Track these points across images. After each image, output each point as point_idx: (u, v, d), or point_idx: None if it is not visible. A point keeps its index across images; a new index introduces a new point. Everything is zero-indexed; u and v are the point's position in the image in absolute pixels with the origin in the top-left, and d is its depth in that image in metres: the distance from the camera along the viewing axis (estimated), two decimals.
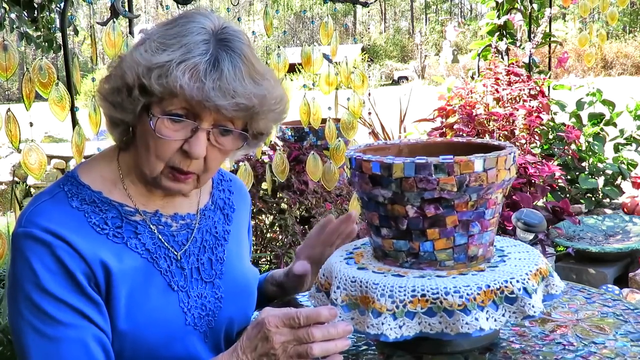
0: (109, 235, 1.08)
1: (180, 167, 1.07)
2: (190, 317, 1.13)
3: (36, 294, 1.01)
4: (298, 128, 3.79)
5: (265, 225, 3.54)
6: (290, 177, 3.47)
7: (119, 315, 1.06)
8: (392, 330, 1.02)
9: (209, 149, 1.07)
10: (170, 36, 1.03)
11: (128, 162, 1.14)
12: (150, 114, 1.03)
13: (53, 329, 1.01)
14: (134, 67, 1.02)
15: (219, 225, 1.24)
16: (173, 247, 1.14)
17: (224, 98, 1.00)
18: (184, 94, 0.99)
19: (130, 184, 1.13)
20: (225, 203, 1.28)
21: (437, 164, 1.02)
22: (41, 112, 2.61)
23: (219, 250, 1.21)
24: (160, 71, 1.00)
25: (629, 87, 12.08)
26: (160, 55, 1.01)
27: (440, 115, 4.05)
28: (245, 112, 1.04)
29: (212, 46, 1.02)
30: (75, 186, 1.10)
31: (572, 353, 1.10)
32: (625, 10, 32.32)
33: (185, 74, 0.99)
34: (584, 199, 4.51)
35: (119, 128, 1.12)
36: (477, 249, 1.11)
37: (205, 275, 1.17)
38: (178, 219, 1.17)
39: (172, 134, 1.04)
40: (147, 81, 1.00)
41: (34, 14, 3.62)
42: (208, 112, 1.03)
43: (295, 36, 42.89)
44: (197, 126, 1.04)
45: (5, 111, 2.06)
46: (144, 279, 1.09)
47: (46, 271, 1.01)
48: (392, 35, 47.42)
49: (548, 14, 4.61)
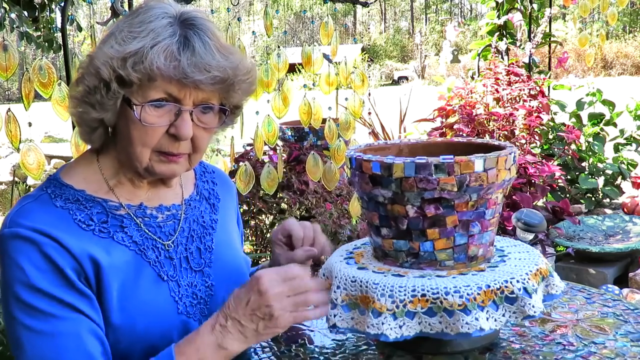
0: (95, 231, 1.09)
1: (171, 150, 1.09)
2: (182, 305, 1.14)
3: (26, 293, 1.01)
4: (298, 128, 3.80)
5: (265, 225, 3.54)
6: (290, 177, 3.47)
7: (112, 309, 1.06)
8: (392, 330, 1.02)
9: (195, 128, 1.09)
10: (136, 25, 1.06)
11: (110, 164, 1.15)
12: (133, 105, 1.05)
13: (47, 324, 1.01)
14: (108, 62, 1.04)
15: (205, 214, 1.25)
16: (160, 237, 1.16)
17: (200, 73, 1.03)
18: (162, 75, 1.02)
19: (116, 183, 1.15)
20: (210, 193, 1.29)
21: (437, 164, 1.02)
22: (41, 112, 2.60)
23: (207, 239, 1.22)
24: (135, 58, 1.02)
25: (629, 87, 12.08)
26: (131, 43, 1.03)
27: (440, 115, 4.05)
28: (222, 84, 1.07)
29: (178, 27, 1.06)
30: (58, 187, 1.11)
31: (572, 353, 1.10)
32: (625, 10, 32.32)
33: (159, 55, 1.02)
34: (584, 199, 4.51)
35: (96, 131, 1.13)
36: (477, 249, 1.11)
37: (194, 264, 1.18)
38: (163, 210, 1.18)
39: (157, 120, 1.06)
40: (124, 71, 1.02)
41: (34, 13, 3.62)
42: (187, 92, 1.05)
43: (295, 36, 42.88)
44: (179, 108, 1.06)
45: (5, 111, 2.06)
46: (134, 271, 1.10)
47: (35, 269, 1.02)
48: (392, 35, 47.43)
49: (548, 14, 4.61)
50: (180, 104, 1.06)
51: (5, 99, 28.02)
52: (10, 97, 28.50)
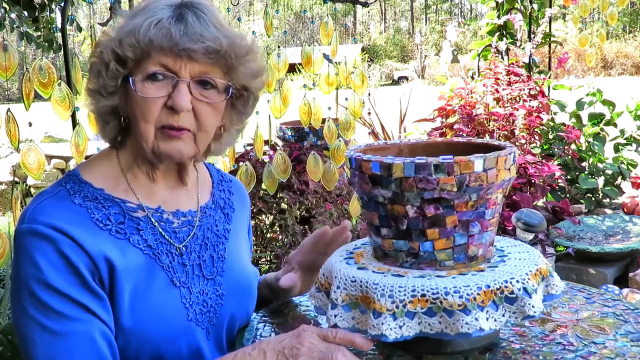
0: (112, 231, 1.09)
1: (171, 123, 1.09)
2: (192, 313, 1.13)
3: (41, 290, 1.01)
4: (298, 128, 3.79)
5: (265, 225, 3.54)
6: (290, 177, 3.47)
7: (123, 311, 1.06)
8: (392, 330, 1.02)
9: (196, 103, 1.10)
10: (136, 10, 1.10)
11: (127, 157, 1.16)
12: (130, 80, 1.08)
13: (59, 324, 1.01)
14: (108, 45, 1.08)
15: (219, 223, 1.25)
16: (175, 242, 1.15)
17: (192, 42, 1.05)
18: (154, 46, 1.04)
19: (132, 178, 1.15)
20: (225, 203, 1.29)
21: (437, 164, 1.02)
22: (41, 112, 2.60)
23: (220, 248, 1.22)
24: (130, 36, 1.05)
25: (629, 87, 12.09)
26: (128, 24, 1.07)
27: (440, 115, 4.05)
28: (216, 55, 1.08)
29: (175, 7, 1.08)
30: (77, 184, 1.11)
31: (572, 353, 1.10)
32: (625, 10, 32.32)
33: (151, 27, 1.04)
34: (584, 199, 4.51)
35: (110, 123, 1.15)
36: (477, 249, 1.11)
37: (206, 272, 1.18)
38: (180, 215, 1.18)
39: (155, 92, 1.07)
40: (120, 49, 1.06)
41: (34, 13, 3.62)
42: (182, 64, 1.07)
43: (295, 36, 42.88)
44: (176, 80, 1.08)
45: (5, 111, 2.06)
46: (147, 275, 1.10)
47: (51, 267, 1.02)
48: (392, 35, 47.42)
49: (548, 14, 4.61)
50: (178, 76, 1.07)
51: (5, 99, 28.02)
52: (10, 97, 28.50)
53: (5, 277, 2.40)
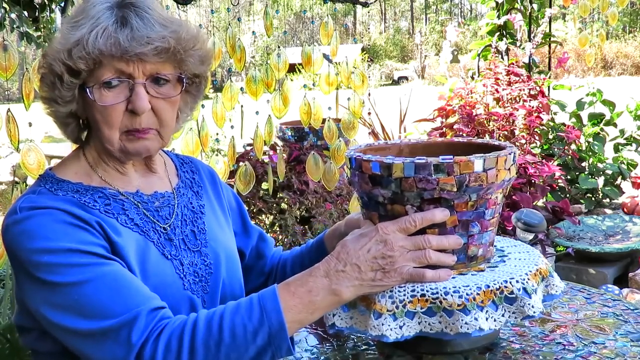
0: (101, 210, 1.11)
1: (134, 127, 1.11)
2: (187, 282, 1.17)
3: (48, 257, 1.00)
4: (298, 128, 3.80)
5: (265, 225, 3.54)
6: (290, 177, 3.47)
7: None
8: (392, 330, 1.02)
9: (154, 101, 1.11)
10: (78, 14, 1.10)
11: (93, 155, 1.18)
12: (87, 89, 1.09)
13: (78, 274, 1.00)
14: (57, 56, 1.07)
15: (193, 200, 1.29)
16: (158, 221, 1.19)
17: (141, 46, 1.06)
18: (105, 56, 1.05)
19: (104, 172, 1.17)
20: (192, 182, 1.33)
21: (437, 164, 1.02)
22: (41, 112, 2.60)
23: (199, 223, 1.26)
24: (78, 47, 1.05)
25: (629, 87, 12.09)
26: (73, 34, 1.07)
27: (440, 115, 4.05)
28: (166, 54, 1.09)
29: (117, 10, 1.08)
30: (55, 183, 1.13)
31: (572, 353, 1.10)
32: (625, 10, 32.32)
33: (98, 37, 1.05)
34: (584, 199, 4.51)
35: (70, 125, 1.17)
36: (477, 249, 1.11)
37: (191, 245, 1.22)
38: (158, 196, 1.22)
39: (114, 98, 1.09)
40: (72, 62, 1.06)
41: (34, 13, 3.62)
42: (135, 67, 1.08)
43: (295, 36, 42.88)
44: (132, 83, 1.09)
45: (5, 111, 2.06)
46: (141, 249, 1.13)
47: (51, 232, 1.02)
48: (392, 35, 47.43)
49: (548, 14, 4.61)
50: (133, 79, 1.09)
51: (5, 99, 28.02)
52: (10, 97, 28.49)
53: (5, 277, 2.40)
